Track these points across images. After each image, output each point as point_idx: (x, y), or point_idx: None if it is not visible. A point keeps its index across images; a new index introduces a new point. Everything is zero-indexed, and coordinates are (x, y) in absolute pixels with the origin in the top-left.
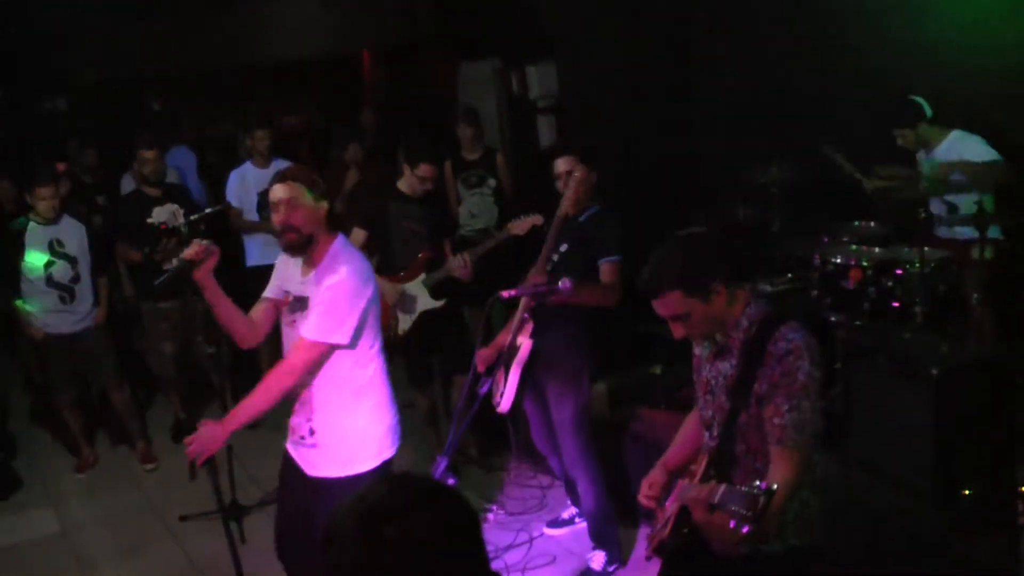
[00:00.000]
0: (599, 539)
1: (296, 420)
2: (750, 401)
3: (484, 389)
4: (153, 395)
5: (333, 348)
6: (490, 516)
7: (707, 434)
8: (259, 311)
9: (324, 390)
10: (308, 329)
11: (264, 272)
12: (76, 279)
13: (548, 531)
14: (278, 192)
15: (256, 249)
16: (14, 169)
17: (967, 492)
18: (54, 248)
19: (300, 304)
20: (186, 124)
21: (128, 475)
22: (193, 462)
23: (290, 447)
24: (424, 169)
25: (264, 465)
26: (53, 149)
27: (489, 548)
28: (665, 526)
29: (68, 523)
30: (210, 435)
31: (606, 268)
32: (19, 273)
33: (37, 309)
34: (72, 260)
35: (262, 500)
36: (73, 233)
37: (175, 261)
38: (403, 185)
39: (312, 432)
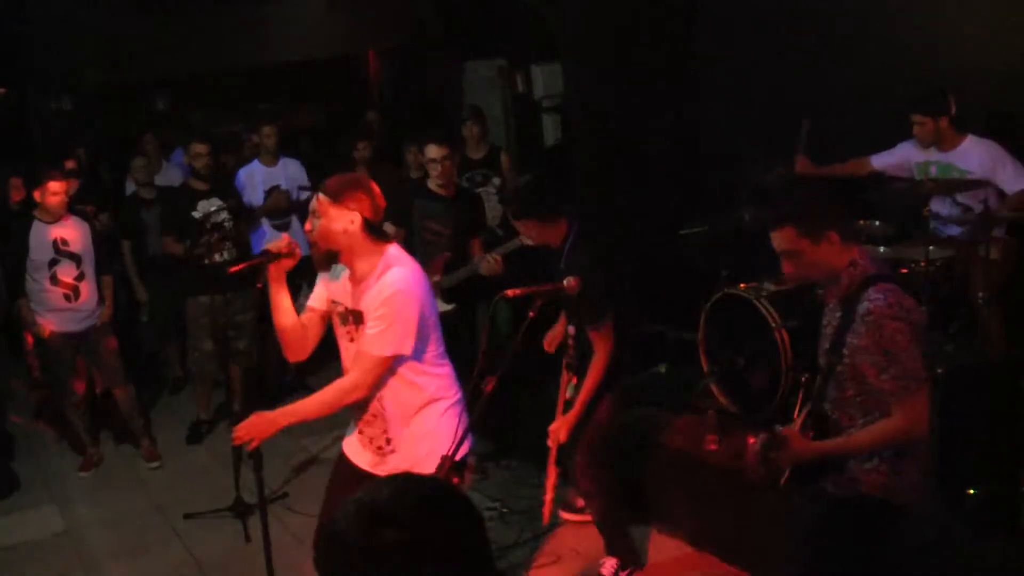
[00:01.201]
0: (610, 544)
1: (371, 431)
2: (843, 354)
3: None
4: (158, 394)
5: (396, 359)
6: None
7: (818, 375)
8: (307, 321)
9: (395, 402)
10: (369, 344)
11: None
12: (81, 277)
13: (565, 515)
14: (312, 205)
15: (260, 247)
16: (21, 168)
17: (972, 493)
18: (58, 246)
19: (355, 317)
20: (192, 124)
21: (133, 474)
22: (239, 449)
23: (357, 451)
24: (431, 150)
25: (270, 465)
26: (59, 148)
27: (493, 547)
28: None
29: (73, 522)
30: (262, 423)
31: (592, 334)
32: (24, 271)
33: (42, 308)
34: (76, 258)
35: (267, 499)
36: (78, 231)
37: (221, 256)
38: (432, 183)
39: (389, 442)
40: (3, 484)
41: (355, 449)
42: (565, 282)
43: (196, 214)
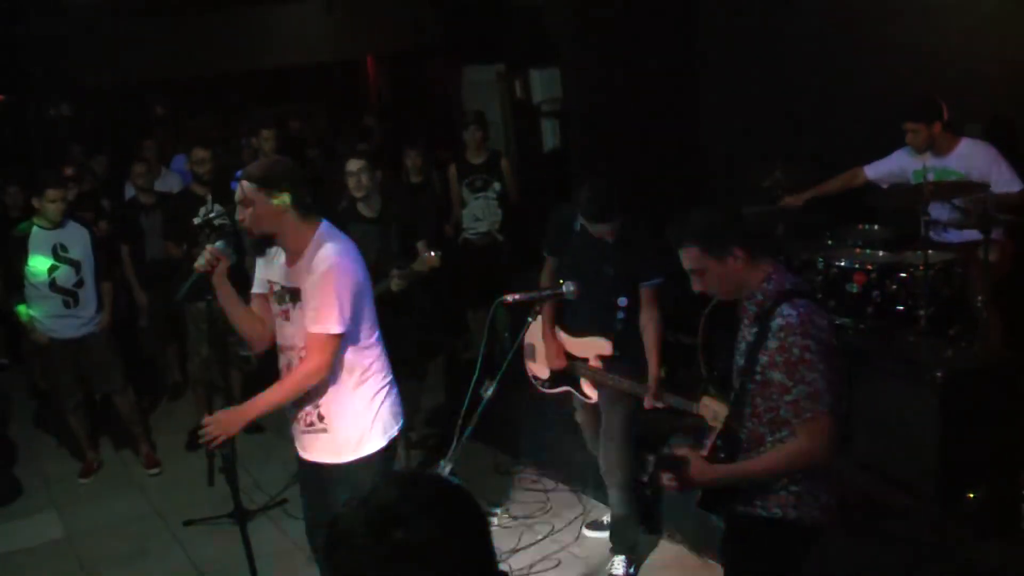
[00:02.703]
0: (621, 543)
1: (303, 410)
2: (756, 370)
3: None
4: (157, 400)
5: (344, 336)
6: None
7: (732, 392)
8: (258, 309)
9: (331, 376)
10: (318, 323)
11: None
12: (80, 284)
13: (587, 532)
14: (236, 194)
15: None
16: (19, 174)
17: (972, 496)
18: (58, 253)
19: (292, 295)
20: (190, 129)
21: (132, 480)
22: (212, 467)
23: (300, 440)
24: (349, 164)
25: (268, 470)
26: (57, 154)
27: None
28: None
29: (72, 528)
30: (228, 420)
31: (646, 292)
32: (23, 278)
33: (41, 314)
34: (76, 265)
35: (266, 505)
36: (77, 238)
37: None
38: (360, 206)
39: (321, 418)
40: (6, 490)
41: (297, 438)
42: (565, 288)
43: (197, 219)
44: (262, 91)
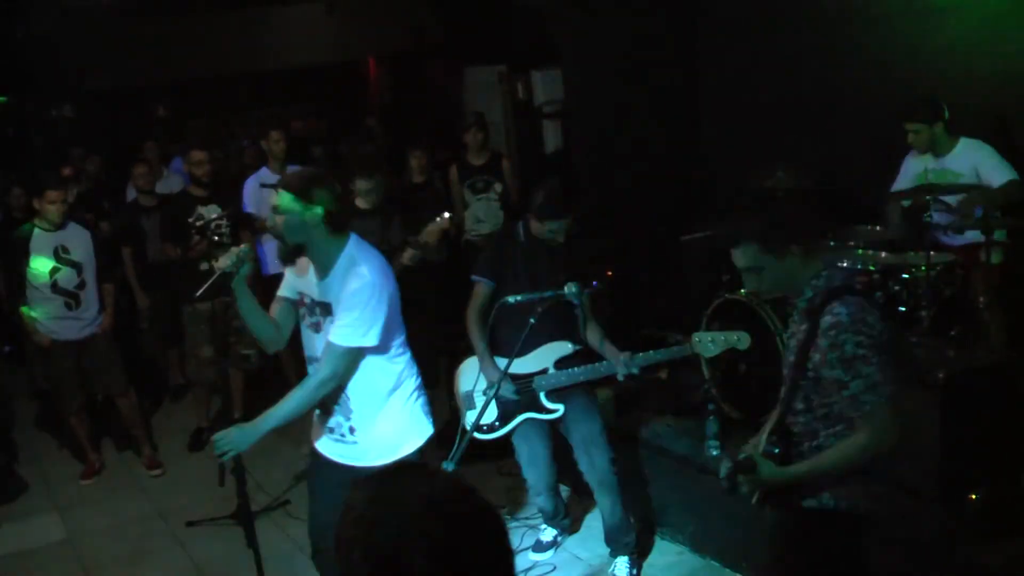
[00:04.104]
0: (621, 546)
1: (334, 420)
2: (808, 367)
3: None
4: (159, 401)
5: (365, 349)
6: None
7: (783, 388)
8: (277, 313)
9: (360, 390)
10: (338, 335)
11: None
12: (82, 285)
13: (534, 556)
14: (272, 201)
15: (273, 258)
16: (22, 176)
17: (974, 497)
18: (59, 254)
19: (323, 309)
20: (192, 131)
21: (134, 482)
22: (223, 468)
23: (326, 444)
24: (362, 184)
25: (271, 472)
26: (58, 155)
27: None
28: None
29: (74, 530)
30: (241, 435)
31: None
32: (25, 280)
33: (43, 316)
34: (78, 266)
35: (268, 506)
36: (79, 239)
37: (212, 265)
38: (359, 200)
39: (352, 431)
40: (9, 487)
41: (321, 440)
42: (566, 288)
43: (197, 221)
44: (264, 93)
